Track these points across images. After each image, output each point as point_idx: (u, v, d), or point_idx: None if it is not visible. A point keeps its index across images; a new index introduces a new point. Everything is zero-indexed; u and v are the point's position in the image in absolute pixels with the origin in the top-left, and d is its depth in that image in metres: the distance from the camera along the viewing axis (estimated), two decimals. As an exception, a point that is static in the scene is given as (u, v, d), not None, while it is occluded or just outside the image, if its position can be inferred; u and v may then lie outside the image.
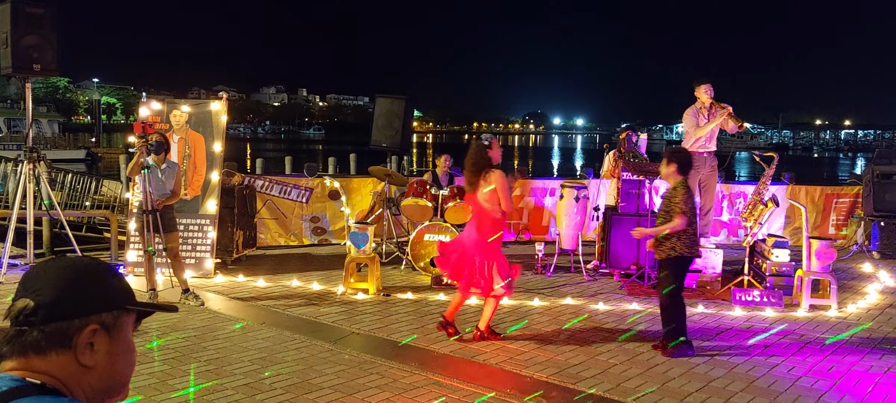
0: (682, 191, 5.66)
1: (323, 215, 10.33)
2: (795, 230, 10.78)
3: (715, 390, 4.92)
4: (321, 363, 5.29)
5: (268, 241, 10.03)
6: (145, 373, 4.96)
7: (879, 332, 6.42)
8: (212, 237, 8.17)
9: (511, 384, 4.93)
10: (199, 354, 5.43)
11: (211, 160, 8.38)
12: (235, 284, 7.83)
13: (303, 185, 10.22)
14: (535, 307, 7.08)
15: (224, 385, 4.79)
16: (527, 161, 56.05)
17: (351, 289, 7.46)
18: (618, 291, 7.84)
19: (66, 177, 13.12)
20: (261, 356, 5.41)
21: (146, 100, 8.76)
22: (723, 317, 6.83)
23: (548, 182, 11.22)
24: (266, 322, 6.36)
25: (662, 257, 5.76)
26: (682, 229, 5.59)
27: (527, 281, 8.23)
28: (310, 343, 5.76)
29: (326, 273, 8.40)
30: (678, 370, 5.30)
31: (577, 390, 4.85)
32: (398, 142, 9.66)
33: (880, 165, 10.42)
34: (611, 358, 5.54)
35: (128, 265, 8.11)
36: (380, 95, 10.09)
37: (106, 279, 1.38)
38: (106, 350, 1.34)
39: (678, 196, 5.66)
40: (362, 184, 10.53)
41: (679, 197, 5.64)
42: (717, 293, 7.71)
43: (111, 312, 1.35)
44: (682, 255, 5.67)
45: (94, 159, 43.15)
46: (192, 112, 8.50)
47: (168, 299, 6.99)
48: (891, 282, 8.54)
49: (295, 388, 4.77)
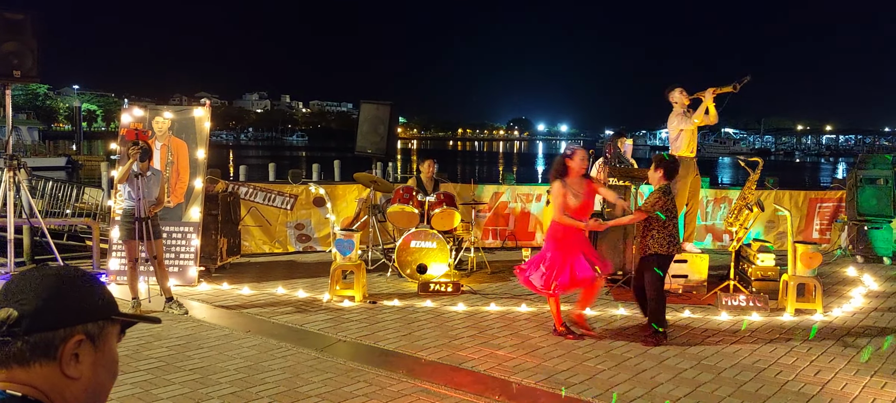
0: (656, 194, 6.16)
1: (308, 222, 10.26)
2: (780, 234, 10.87)
3: (703, 394, 4.92)
4: (307, 371, 5.23)
5: (252, 249, 9.95)
6: (129, 383, 4.88)
7: (865, 336, 6.45)
8: (195, 244, 8.08)
9: (499, 390, 4.90)
10: (184, 363, 5.36)
11: (194, 167, 8.30)
12: (220, 292, 7.75)
13: (287, 192, 10.15)
14: (523, 313, 7.06)
15: (209, 395, 4.72)
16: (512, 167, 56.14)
17: (337, 297, 7.40)
18: (604, 296, 7.83)
19: (46, 185, 12.94)
20: (246, 364, 5.35)
21: (128, 106, 8.65)
22: (709, 322, 6.84)
23: (533, 188, 11.23)
24: (251, 330, 6.29)
25: (642, 254, 6.27)
26: (634, 223, 6.40)
27: (514, 287, 8.21)
28: (296, 351, 5.70)
29: (312, 280, 8.34)
30: (666, 375, 5.30)
31: (566, 396, 4.82)
32: (383, 148, 9.62)
33: (863, 170, 10.52)
34: (599, 364, 5.53)
35: (110, 274, 8.00)
36: (364, 101, 10.06)
37: (91, 288, 1.34)
38: (91, 361, 1.30)
39: (652, 197, 6.17)
40: (347, 191, 10.48)
41: (652, 197, 6.17)
42: (703, 298, 7.73)
43: (96, 322, 1.31)
44: (657, 253, 6.13)
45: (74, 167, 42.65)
46: (174, 118, 8.42)
47: (151, 308, 6.90)
48: (874, 286, 8.61)
49: (281, 397, 4.71)
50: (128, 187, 6.74)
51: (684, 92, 8.42)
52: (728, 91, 8.10)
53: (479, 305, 7.31)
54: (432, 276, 8.22)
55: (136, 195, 6.67)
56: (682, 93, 8.41)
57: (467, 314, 6.98)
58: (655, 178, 6.24)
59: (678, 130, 8.34)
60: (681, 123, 8.30)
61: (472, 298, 7.62)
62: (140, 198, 6.66)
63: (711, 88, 8.16)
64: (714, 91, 8.14)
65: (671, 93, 8.50)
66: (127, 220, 6.79)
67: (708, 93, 8.16)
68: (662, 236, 6.11)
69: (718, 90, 8.13)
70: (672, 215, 6.17)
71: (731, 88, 8.07)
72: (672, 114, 8.51)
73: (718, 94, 8.16)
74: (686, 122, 8.25)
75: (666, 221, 6.09)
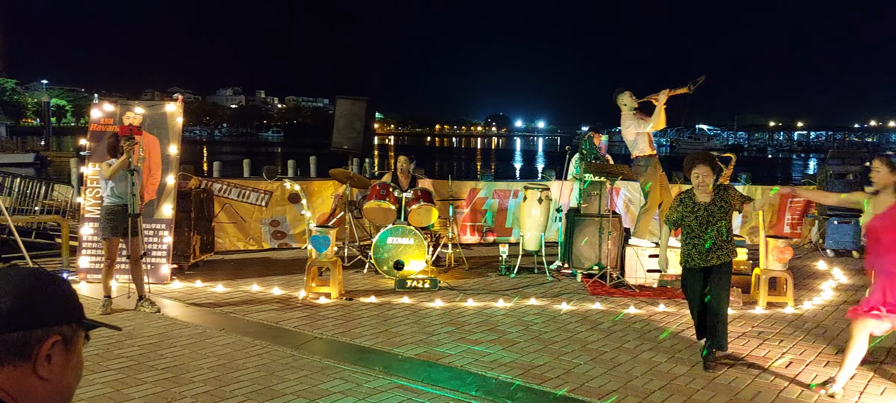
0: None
1: (283, 219, 10.18)
2: (752, 229, 11.00)
3: (677, 387, 4.96)
4: (283, 368, 5.18)
5: (226, 246, 9.84)
6: (99, 383, 4.80)
7: (834, 328, 6.56)
8: (168, 242, 7.97)
9: (476, 385, 4.90)
10: (156, 362, 5.28)
11: (166, 163, 8.18)
12: (193, 290, 7.65)
13: (262, 189, 10.05)
14: (500, 308, 7.06)
15: (182, 394, 4.65)
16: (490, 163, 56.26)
17: (313, 294, 7.35)
18: (581, 291, 7.87)
19: (14, 182, 12.69)
20: (220, 363, 5.28)
21: (98, 101, 8.50)
22: (683, 316, 6.90)
23: (511, 184, 11.25)
24: (225, 328, 6.22)
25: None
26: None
27: (491, 283, 8.22)
28: (271, 348, 5.65)
29: (287, 277, 8.27)
30: (640, 368, 5.33)
31: (542, 390, 4.84)
32: (360, 144, 9.56)
33: (834, 165, 10.70)
34: (575, 358, 5.55)
35: (79, 271, 7.87)
36: (340, 97, 9.98)
37: (65, 290, 1.34)
38: (62, 363, 1.29)
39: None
40: (323, 187, 10.41)
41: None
42: (677, 291, 7.79)
43: (70, 325, 1.31)
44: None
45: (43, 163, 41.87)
46: (146, 114, 8.29)
47: (124, 306, 6.80)
48: (844, 279, 8.76)
49: (256, 395, 4.66)
50: (111, 183, 6.62)
51: (633, 95, 8.43)
52: (683, 92, 8.10)
53: (457, 301, 7.30)
54: (409, 272, 8.19)
55: (131, 191, 6.61)
56: (632, 97, 8.42)
57: (444, 310, 6.97)
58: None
59: (635, 134, 8.34)
60: (638, 127, 8.32)
61: (450, 294, 7.61)
62: (136, 193, 6.63)
63: (667, 89, 8.18)
64: (669, 92, 8.16)
65: (620, 96, 8.45)
66: (111, 217, 6.67)
67: (662, 95, 8.17)
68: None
69: (673, 92, 8.16)
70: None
71: (686, 89, 8.06)
72: (624, 117, 8.45)
73: (673, 96, 8.19)
74: (643, 126, 8.28)
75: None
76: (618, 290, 7.84)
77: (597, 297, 7.54)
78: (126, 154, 6.56)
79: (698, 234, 5.45)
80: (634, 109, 8.41)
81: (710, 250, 5.41)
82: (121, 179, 6.63)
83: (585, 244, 8.62)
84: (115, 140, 6.69)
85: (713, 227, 5.41)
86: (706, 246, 5.41)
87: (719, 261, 5.40)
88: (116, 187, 6.63)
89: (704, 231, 5.43)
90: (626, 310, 7.05)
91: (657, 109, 8.17)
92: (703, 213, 5.44)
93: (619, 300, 7.48)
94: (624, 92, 8.44)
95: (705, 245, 5.41)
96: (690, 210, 5.49)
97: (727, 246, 5.44)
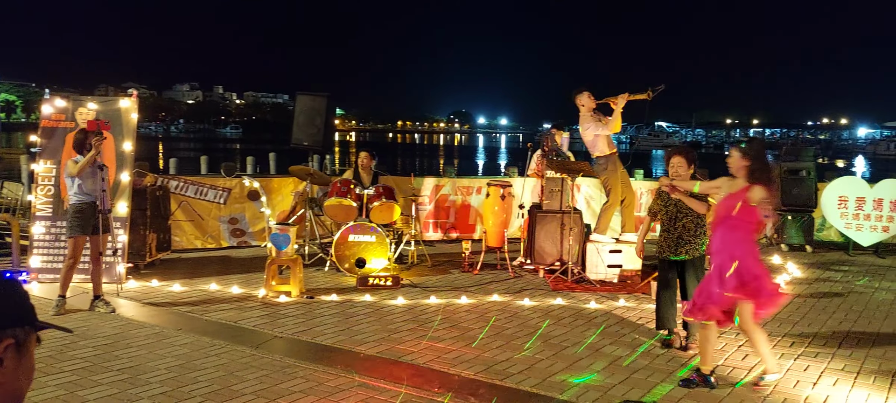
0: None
1: (242, 216, 10.03)
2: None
3: (636, 381, 5.02)
4: (242, 368, 5.10)
5: (183, 244, 9.66)
6: (52, 385, 4.67)
7: (788, 321, 6.72)
8: (122, 240, 7.79)
9: (438, 383, 4.89)
10: (111, 363, 5.15)
11: (120, 160, 7.99)
12: (149, 289, 7.49)
13: (220, 186, 9.89)
14: (462, 305, 7.07)
15: (139, 395, 4.55)
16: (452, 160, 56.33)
17: (273, 292, 7.26)
18: (542, 287, 7.93)
19: (-39, 179, 12.25)
20: (178, 363, 5.18)
21: (49, 97, 8.25)
22: (643, 310, 7.00)
23: (474, 180, 11.26)
24: (183, 328, 6.10)
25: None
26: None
27: (454, 279, 8.23)
28: (230, 348, 5.56)
29: (246, 276, 8.15)
30: (601, 363, 5.39)
31: (505, 386, 4.85)
32: (320, 141, 9.47)
33: (787, 162, 10.96)
34: (536, 353, 5.58)
35: (32, 271, 7.64)
36: (301, 93, 9.87)
37: (18, 293, 1.31)
38: (14, 367, 1.26)
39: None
40: (283, 184, 10.28)
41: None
42: (637, 286, 7.90)
43: (24, 328, 1.28)
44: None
45: (-8, 160, 40.65)
46: (99, 109, 8.08)
47: (77, 306, 6.63)
48: (798, 273, 8.98)
49: (215, 395, 4.58)
50: (78, 180, 6.45)
51: (592, 96, 8.49)
52: (642, 97, 8.18)
53: (419, 298, 7.28)
54: (372, 270, 8.15)
55: (100, 187, 6.52)
56: (590, 98, 8.47)
57: (407, 307, 6.95)
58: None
59: (593, 135, 8.41)
60: (597, 129, 8.38)
61: (412, 291, 7.59)
62: (104, 189, 6.53)
63: (626, 93, 8.27)
64: (628, 96, 8.25)
65: (578, 96, 8.48)
66: (79, 214, 6.51)
67: (621, 99, 8.22)
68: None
69: (633, 96, 8.24)
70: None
71: (645, 95, 8.16)
72: (582, 119, 8.49)
73: (632, 100, 8.27)
74: (602, 128, 8.34)
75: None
76: (579, 286, 7.91)
77: (558, 293, 7.60)
78: (95, 150, 6.42)
79: (668, 228, 5.71)
80: (593, 111, 8.47)
81: (678, 243, 5.64)
82: (89, 176, 6.50)
83: (547, 240, 8.68)
84: (84, 136, 6.54)
85: (680, 222, 5.64)
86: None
87: (689, 256, 5.62)
88: (85, 184, 6.49)
89: (673, 224, 5.68)
90: (587, 305, 7.12)
91: (615, 113, 8.27)
92: (672, 208, 5.70)
93: (581, 295, 7.55)
94: (582, 92, 8.47)
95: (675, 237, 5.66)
96: (664, 203, 5.77)
97: (694, 240, 5.62)
